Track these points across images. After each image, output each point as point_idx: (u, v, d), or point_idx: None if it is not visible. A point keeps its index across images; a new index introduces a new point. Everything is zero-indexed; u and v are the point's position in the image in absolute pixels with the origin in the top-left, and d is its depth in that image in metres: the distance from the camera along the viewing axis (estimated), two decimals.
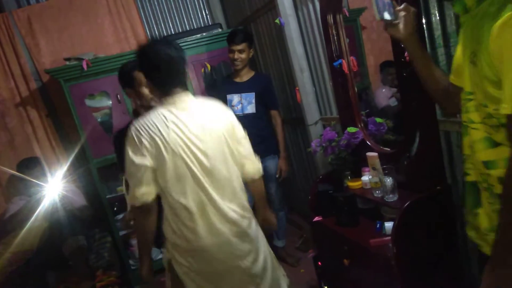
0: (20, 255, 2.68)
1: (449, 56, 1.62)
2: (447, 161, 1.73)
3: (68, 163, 3.11)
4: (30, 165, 2.85)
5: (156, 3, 3.67)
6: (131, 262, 3.12)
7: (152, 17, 3.67)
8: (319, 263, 2.12)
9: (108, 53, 3.25)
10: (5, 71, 3.17)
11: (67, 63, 2.94)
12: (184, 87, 1.49)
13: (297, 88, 2.67)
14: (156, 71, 1.44)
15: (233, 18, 3.76)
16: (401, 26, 1.13)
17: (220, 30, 3.36)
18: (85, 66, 2.88)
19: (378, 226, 1.73)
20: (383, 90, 2.32)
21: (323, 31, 2.10)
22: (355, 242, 1.74)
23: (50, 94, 3.30)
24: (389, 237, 1.55)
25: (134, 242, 3.09)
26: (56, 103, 3.30)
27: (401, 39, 1.16)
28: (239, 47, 2.59)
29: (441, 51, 1.65)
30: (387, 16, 1.15)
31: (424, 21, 1.62)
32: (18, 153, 3.14)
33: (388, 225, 1.65)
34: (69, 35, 3.31)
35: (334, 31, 2.03)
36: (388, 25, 1.17)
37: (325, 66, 2.53)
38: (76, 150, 3.09)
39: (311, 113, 2.69)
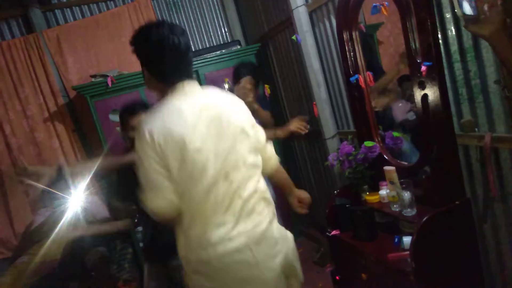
0: (45, 265, 2.77)
1: (467, 71, 1.63)
2: (466, 175, 1.72)
3: (91, 176, 3.21)
4: (56, 177, 2.96)
5: (177, 22, 3.80)
6: None
7: None
8: (337, 277, 2.11)
9: (131, 70, 3.38)
10: (35, 88, 3.33)
11: (93, 80, 3.08)
12: (190, 77, 1.29)
13: (314, 102, 2.70)
14: (159, 62, 1.23)
15: (252, 35, 3.85)
16: (485, 22, 0.95)
17: (239, 47, 3.45)
18: (109, 83, 3.01)
19: (396, 240, 1.72)
20: (401, 104, 2.32)
21: (339, 47, 2.13)
22: (373, 257, 1.73)
23: (77, 109, 3.44)
24: (408, 252, 1.53)
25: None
26: (82, 118, 3.43)
27: (485, 37, 0.99)
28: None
29: (458, 66, 1.66)
30: (467, 10, 0.96)
31: (440, 36, 1.64)
32: (46, 166, 3.26)
33: (407, 239, 1.64)
34: (95, 53, 3.47)
35: (350, 47, 2.06)
36: (469, 21, 0.98)
37: (341, 80, 2.56)
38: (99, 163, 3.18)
39: (328, 127, 2.72)
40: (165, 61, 1.22)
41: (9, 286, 2.62)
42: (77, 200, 2.89)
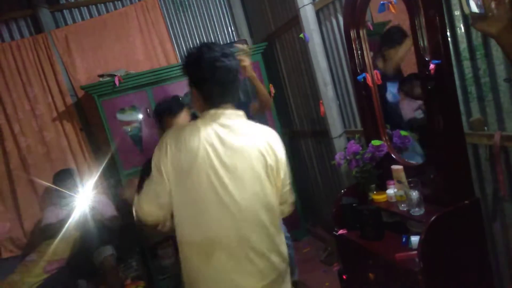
0: (54, 264, 2.80)
1: (476, 69, 1.61)
2: (475, 174, 1.70)
3: (99, 175, 3.24)
4: (65, 176, 2.99)
5: (184, 21, 3.81)
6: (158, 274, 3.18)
7: (180, 35, 3.81)
8: (344, 276, 2.10)
9: (138, 69, 3.40)
10: (44, 88, 3.36)
11: (101, 79, 3.10)
12: (234, 103, 1.32)
13: (321, 101, 2.69)
14: (207, 83, 1.27)
15: (258, 34, 3.85)
16: (493, 19, 0.94)
17: (245, 46, 3.45)
18: (117, 82, 3.03)
19: (404, 240, 1.70)
20: (409, 102, 2.31)
21: (346, 46, 2.12)
22: (380, 256, 1.72)
23: (85, 108, 3.47)
24: (416, 252, 1.52)
25: (161, 252, 3.16)
26: (90, 117, 3.46)
27: (493, 35, 0.99)
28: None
29: (467, 64, 1.64)
30: (474, 8, 0.96)
31: (449, 34, 1.63)
32: (54, 165, 3.30)
33: (414, 239, 1.62)
34: (102, 53, 3.49)
35: (357, 45, 2.05)
36: (477, 19, 0.98)
37: (349, 79, 2.55)
38: (106, 162, 3.21)
39: (335, 126, 2.71)
40: (214, 82, 1.26)
41: (19, 284, 2.65)
42: (85, 199, 2.92)
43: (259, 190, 1.27)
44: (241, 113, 1.32)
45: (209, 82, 1.27)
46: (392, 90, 2.19)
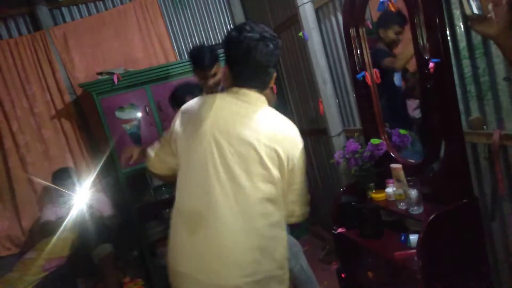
0: (52, 262, 2.79)
1: (475, 68, 1.61)
2: (474, 173, 1.70)
3: (97, 173, 3.24)
4: (63, 175, 2.98)
5: (182, 19, 3.80)
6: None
7: (179, 33, 3.79)
8: (343, 275, 2.11)
9: (137, 67, 3.39)
10: (42, 85, 3.35)
11: (99, 77, 3.09)
12: (260, 89, 1.27)
13: (320, 99, 2.69)
14: (237, 63, 1.24)
15: None
16: (491, 21, 0.94)
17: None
18: (115, 80, 3.02)
19: (402, 238, 1.71)
20: (408, 101, 2.30)
21: (346, 44, 2.12)
22: (379, 255, 1.72)
23: (83, 106, 3.46)
24: (414, 250, 1.53)
25: (159, 250, 3.16)
26: (88, 115, 3.45)
27: (492, 37, 0.98)
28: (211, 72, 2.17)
29: (466, 63, 1.64)
30: (474, 10, 0.96)
31: (448, 32, 1.62)
32: (53, 163, 3.29)
33: (413, 237, 1.63)
34: (101, 51, 3.48)
35: (357, 44, 2.05)
36: (475, 21, 0.98)
37: (348, 78, 2.55)
38: (104, 160, 3.20)
39: (334, 125, 2.71)
40: (243, 63, 1.22)
41: (17, 282, 2.65)
42: (83, 197, 2.92)
43: (260, 174, 1.19)
44: (263, 98, 1.27)
45: (239, 62, 1.23)
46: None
